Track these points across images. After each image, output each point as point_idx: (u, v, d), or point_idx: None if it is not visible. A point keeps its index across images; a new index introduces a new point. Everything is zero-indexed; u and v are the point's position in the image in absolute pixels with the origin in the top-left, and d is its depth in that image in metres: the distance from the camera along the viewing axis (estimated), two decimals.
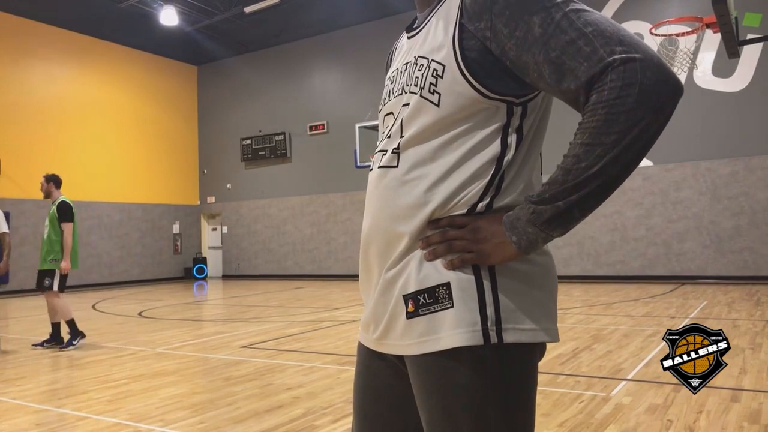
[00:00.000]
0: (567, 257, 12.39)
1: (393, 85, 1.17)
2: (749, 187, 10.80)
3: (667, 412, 3.19)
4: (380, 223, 1.10)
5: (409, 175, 1.06)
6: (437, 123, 1.04)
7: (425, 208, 1.04)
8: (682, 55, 9.16)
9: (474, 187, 1.02)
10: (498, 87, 1.00)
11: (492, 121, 1.02)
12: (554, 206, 0.94)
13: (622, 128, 0.87)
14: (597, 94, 0.89)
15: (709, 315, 6.80)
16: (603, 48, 0.89)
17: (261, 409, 3.52)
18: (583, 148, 0.91)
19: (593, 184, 0.91)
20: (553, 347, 5.10)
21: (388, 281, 1.07)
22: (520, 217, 0.97)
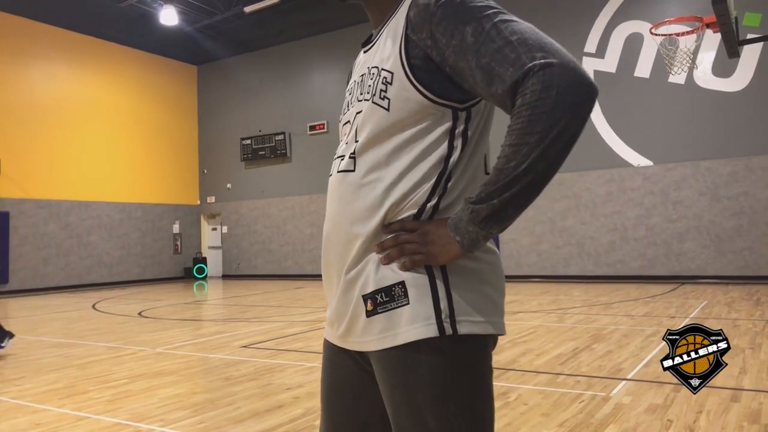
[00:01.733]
0: (567, 257, 12.39)
1: (351, 96, 1.26)
2: (749, 187, 10.80)
3: (667, 411, 3.19)
4: (340, 226, 1.17)
5: (366, 179, 1.13)
6: (389, 127, 1.12)
7: (380, 210, 1.11)
8: (682, 54, 9.16)
9: (423, 188, 1.10)
10: (442, 92, 1.09)
11: (439, 125, 1.11)
12: (490, 204, 1.01)
13: (543, 127, 0.95)
14: (521, 97, 0.97)
15: (709, 315, 6.80)
16: (525, 55, 0.97)
17: (261, 409, 3.52)
18: (511, 148, 0.99)
19: (523, 181, 0.99)
20: (553, 347, 5.10)
21: (349, 282, 1.14)
22: (462, 218, 1.04)
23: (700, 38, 8.98)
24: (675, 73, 9.69)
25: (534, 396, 3.58)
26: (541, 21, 12.83)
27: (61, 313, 9.58)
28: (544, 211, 12.66)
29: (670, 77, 11.15)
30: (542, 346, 5.14)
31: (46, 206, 14.42)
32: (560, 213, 12.50)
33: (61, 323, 8.17)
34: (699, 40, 9.38)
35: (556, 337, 5.59)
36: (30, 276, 13.95)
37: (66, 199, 14.83)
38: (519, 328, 6.22)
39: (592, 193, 12.22)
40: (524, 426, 3.03)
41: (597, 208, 12.15)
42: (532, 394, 3.63)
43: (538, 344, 5.26)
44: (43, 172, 14.43)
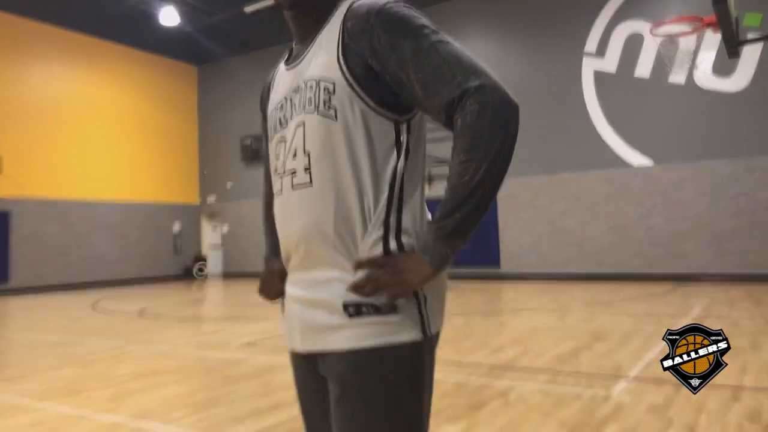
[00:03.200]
0: (567, 257, 12.39)
1: (283, 112, 1.26)
2: (749, 187, 10.80)
3: (668, 411, 3.19)
4: (307, 237, 1.18)
5: (326, 190, 1.15)
6: (339, 138, 1.14)
7: (345, 219, 1.15)
8: (682, 54, 9.16)
9: (382, 198, 1.15)
10: (383, 101, 1.14)
11: (386, 135, 1.16)
12: (453, 219, 1.07)
13: (487, 142, 1.05)
14: (460, 118, 1.06)
15: (709, 314, 6.80)
16: (462, 76, 1.06)
17: (261, 408, 3.52)
18: (462, 165, 1.06)
19: (479, 192, 1.06)
20: (554, 346, 5.10)
21: (321, 282, 1.18)
22: (428, 239, 1.10)
23: (700, 38, 8.98)
24: (675, 73, 9.69)
25: (534, 395, 3.58)
26: (541, 21, 12.85)
27: (61, 312, 9.58)
28: (544, 211, 12.65)
29: (670, 77, 11.15)
30: (542, 346, 5.15)
31: (47, 206, 14.42)
32: (560, 213, 12.50)
33: (61, 322, 8.17)
34: (699, 40, 9.39)
35: (556, 337, 5.59)
36: (30, 275, 13.95)
37: (66, 199, 14.83)
38: (519, 328, 6.22)
39: (592, 193, 12.22)
40: (524, 425, 3.04)
41: (597, 208, 12.15)
42: (532, 393, 3.64)
43: (539, 343, 5.26)
44: (43, 171, 14.43)
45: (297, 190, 1.19)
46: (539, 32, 12.90)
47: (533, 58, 12.97)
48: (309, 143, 1.17)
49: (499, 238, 13.09)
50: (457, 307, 8.20)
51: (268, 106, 1.36)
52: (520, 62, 13.11)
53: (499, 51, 13.44)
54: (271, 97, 1.35)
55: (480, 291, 10.72)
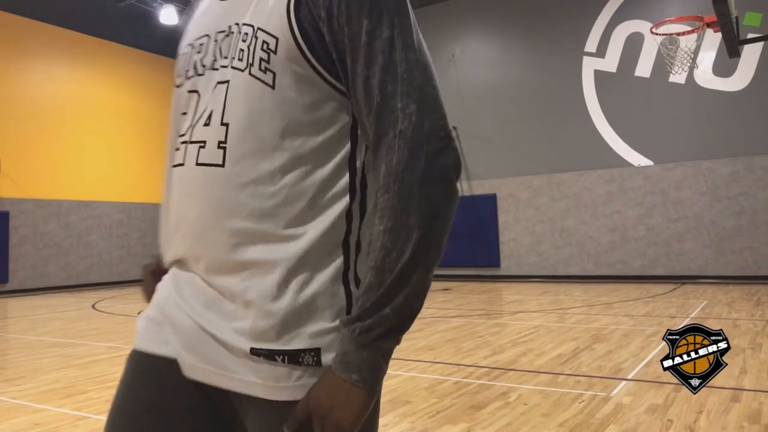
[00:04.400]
0: (567, 257, 12.38)
1: (202, 55, 0.94)
2: (749, 187, 10.79)
3: (668, 411, 3.18)
4: (201, 234, 0.88)
5: (244, 178, 0.85)
6: (274, 111, 0.85)
7: (271, 222, 0.85)
8: (682, 54, 9.16)
9: (334, 198, 0.87)
10: (336, 73, 0.86)
11: (338, 117, 0.87)
12: (381, 316, 0.78)
13: (419, 204, 0.79)
14: (385, 160, 0.80)
15: (709, 315, 6.80)
16: (402, 97, 0.81)
17: None
18: (388, 234, 0.79)
19: (413, 276, 0.79)
20: (554, 347, 5.09)
21: (228, 291, 0.87)
22: (347, 350, 0.80)
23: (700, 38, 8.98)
24: (675, 72, 9.69)
25: (534, 396, 3.58)
26: (541, 21, 12.84)
27: (60, 312, 9.58)
28: (544, 211, 12.65)
29: (670, 77, 11.14)
30: (542, 346, 5.14)
31: (46, 206, 14.42)
32: (560, 213, 12.50)
33: (61, 323, 8.16)
34: (699, 40, 9.38)
35: (556, 337, 5.58)
36: (30, 276, 13.94)
37: (66, 199, 14.83)
38: (519, 328, 6.21)
39: (592, 193, 12.22)
40: (524, 426, 3.03)
41: (597, 208, 12.15)
42: (532, 394, 3.63)
43: (539, 344, 5.25)
44: (42, 171, 14.43)
45: (201, 168, 0.88)
46: (539, 32, 12.90)
47: (533, 58, 12.96)
48: (230, 111, 0.87)
49: (499, 238, 13.09)
50: (457, 308, 8.19)
51: (182, 40, 1.02)
52: (521, 62, 13.11)
53: (499, 51, 13.43)
54: (189, 28, 1.01)
55: (480, 291, 10.71)
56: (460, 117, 13.57)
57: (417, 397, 3.58)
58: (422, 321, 6.95)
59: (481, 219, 13.20)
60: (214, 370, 0.88)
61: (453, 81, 13.74)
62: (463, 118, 13.55)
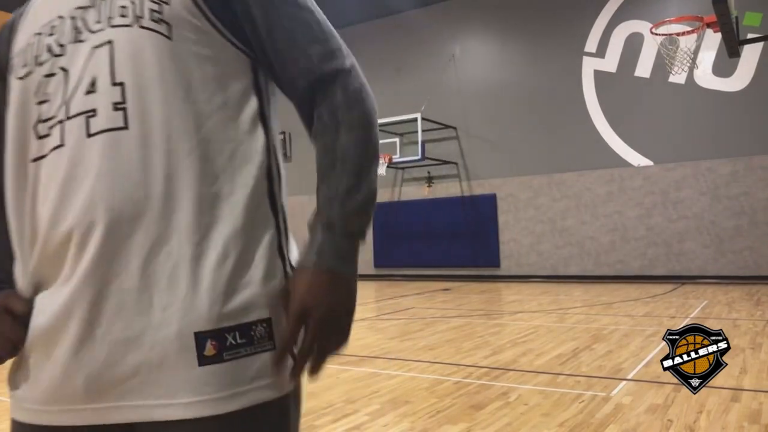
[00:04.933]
0: (567, 257, 12.39)
1: (58, 36, 0.84)
2: (749, 186, 10.80)
3: (668, 411, 3.19)
4: (114, 210, 0.75)
5: (154, 138, 0.77)
6: (176, 64, 0.79)
7: (191, 185, 0.77)
8: (682, 54, 9.16)
9: (249, 149, 0.83)
10: (236, 32, 0.84)
11: (241, 72, 0.85)
12: (358, 212, 0.84)
13: (375, 124, 0.88)
14: (328, 99, 0.85)
15: (709, 315, 6.80)
16: (337, 49, 0.88)
17: None
18: (361, 144, 0.85)
19: (376, 176, 0.87)
20: (554, 347, 5.09)
21: (144, 298, 0.75)
22: (323, 239, 0.81)
23: (700, 38, 8.98)
24: (675, 72, 9.69)
25: (534, 396, 3.58)
26: (541, 21, 12.84)
27: None
28: (544, 211, 12.66)
29: (670, 77, 11.14)
30: (542, 346, 5.14)
31: None
32: (560, 213, 12.50)
33: None
34: (699, 40, 9.39)
35: (556, 337, 5.59)
36: None
37: None
38: (519, 328, 6.21)
39: (592, 193, 12.22)
40: (524, 426, 3.03)
41: (597, 208, 12.15)
42: (532, 394, 3.63)
43: (539, 344, 5.26)
44: None
45: (99, 136, 0.77)
46: (539, 32, 12.90)
47: (533, 58, 12.97)
48: (122, 69, 0.78)
49: (499, 238, 13.09)
50: (457, 308, 8.20)
51: (13, 44, 0.90)
52: (520, 62, 13.11)
53: (499, 51, 13.44)
54: (22, 26, 0.90)
55: (480, 291, 10.72)
56: (460, 117, 13.57)
57: (417, 397, 3.59)
58: (422, 321, 6.95)
59: (481, 219, 13.20)
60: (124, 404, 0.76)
61: (453, 81, 13.74)
62: (463, 118, 13.55)
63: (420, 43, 14.24)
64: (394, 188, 14.48)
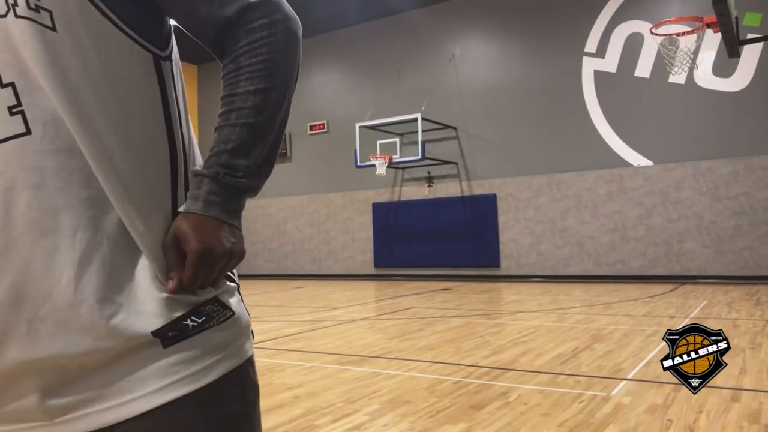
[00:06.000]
0: (567, 257, 12.39)
1: None
2: (749, 186, 10.80)
3: (667, 411, 3.19)
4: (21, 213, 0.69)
5: (57, 144, 0.70)
6: (63, 56, 0.70)
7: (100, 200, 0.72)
8: (682, 54, 9.15)
9: (155, 157, 0.78)
10: (132, 21, 0.76)
11: (141, 72, 0.78)
12: (255, 156, 0.81)
13: (285, 67, 0.82)
14: (247, 31, 0.80)
15: (709, 315, 6.80)
16: None
17: (261, 409, 3.52)
18: (259, 95, 0.80)
19: (279, 133, 0.86)
20: (554, 347, 5.09)
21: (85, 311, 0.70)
22: (209, 189, 0.78)
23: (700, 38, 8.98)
24: (675, 73, 9.69)
25: (534, 396, 3.58)
26: (541, 21, 12.85)
27: None
28: (544, 211, 12.66)
29: (670, 77, 11.15)
30: (542, 346, 5.15)
31: None
32: (560, 213, 12.51)
33: None
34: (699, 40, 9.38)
35: (556, 337, 5.59)
36: None
37: None
38: (519, 328, 6.22)
39: (592, 193, 12.22)
40: (524, 426, 3.04)
41: (597, 208, 12.15)
42: (532, 393, 3.63)
43: (538, 344, 5.26)
44: None
45: (4, 145, 0.69)
46: (539, 32, 12.90)
47: (533, 58, 12.97)
48: (6, 67, 0.69)
49: (499, 238, 13.09)
50: (457, 308, 8.20)
51: None
52: (521, 62, 13.11)
53: (499, 51, 13.44)
54: None
55: (480, 291, 10.72)
56: (460, 117, 13.58)
57: (417, 397, 3.59)
58: (422, 321, 6.96)
59: (481, 219, 13.20)
60: None
61: (453, 81, 13.74)
62: (463, 118, 13.55)
63: (420, 43, 14.24)
64: (394, 188, 14.48)
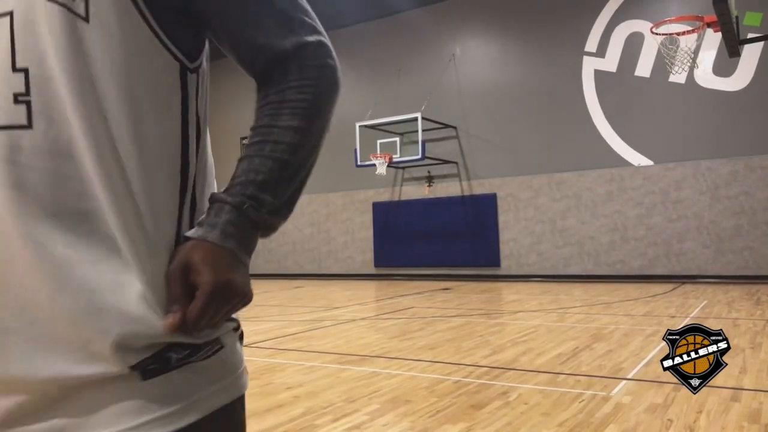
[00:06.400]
0: (567, 257, 12.39)
1: None
2: (749, 186, 10.80)
3: (667, 411, 3.19)
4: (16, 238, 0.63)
5: (57, 145, 0.63)
6: (90, 49, 0.64)
7: (97, 206, 0.66)
8: (682, 54, 9.15)
9: (165, 173, 0.73)
10: (169, 28, 0.71)
11: (168, 75, 0.74)
12: (276, 203, 0.77)
13: (327, 111, 0.80)
14: (299, 68, 0.78)
15: (709, 314, 6.80)
16: (302, 20, 0.79)
17: (261, 409, 3.52)
18: (299, 134, 0.78)
19: (308, 174, 0.82)
20: (554, 347, 5.09)
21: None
22: (228, 219, 0.73)
23: (700, 38, 8.98)
24: (675, 72, 9.69)
25: (534, 395, 3.58)
26: (541, 21, 12.84)
27: None
28: (544, 211, 12.66)
29: (670, 77, 11.15)
30: (542, 346, 5.15)
31: None
32: (560, 213, 12.50)
33: None
34: (700, 40, 9.38)
35: (556, 337, 5.59)
36: None
37: None
38: (519, 328, 6.22)
39: (592, 193, 12.22)
40: (524, 425, 3.03)
41: (597, 208, 12.15)
42: (532, 393, 3.63)
43: (539, 344, 5.26)
44: None
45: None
46: (539, 32, 12.90)
47: (533, 58, 12.97)
48: (25, 51, 0.62)
49: (499, 238, 13.09)
50: (457, 307, 8.20)
51: None
52: (521, 62, 13.11)
53: (499, 51, 13.44)
54: None
55: (480, 291, 10.72)
56: (460, 117, 13.58)
57: (417, 397, 3.59)
58: (422, 320, 6.96)
59: (481, 219, 13.20)
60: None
61: (453, 81, 13.74)
62: (463, 118, 13.55)
63: (420, 43, 14.24)
64: (395, 188, 14.48)
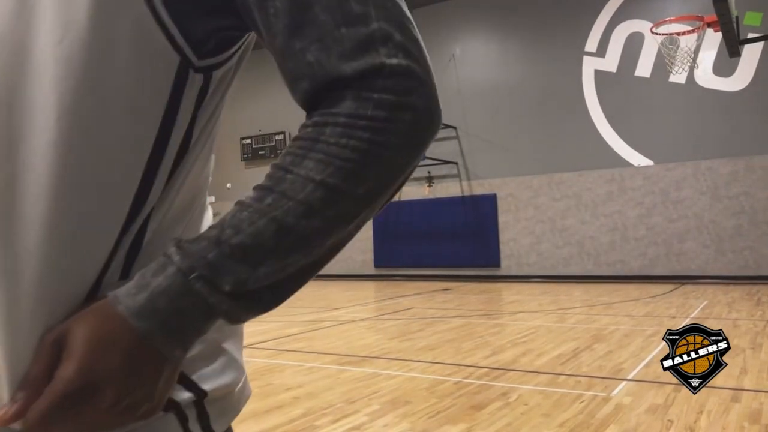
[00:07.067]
0: (567, 257, 12.38)
1: None
2: (749, 186, 10.80)
3: (668, 412, 3.18)
4: None
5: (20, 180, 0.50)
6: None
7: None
8: (682, 54, 9.15)
9: (102, 193, 0.54)
10: (177, 15, 0.53)
11: (157, 65, 0.53)
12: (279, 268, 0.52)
13: (383, 170, 0.51)
14: (357, 102, 0.50)
15: (709, 315, 6.80)
16: (382, 31, 0.50)
17: (260, 410, 3.52)
18: (321, 190, 0.50)
19: (324, 257, 0.57)
20: (554, 347, 5.09)
21: None
22: (166, 285, 0.50)
23: (700, 37, 8.98)
24: (675, 72, 9.69)
25: (534, 396, 3.58)
26: (541, 21, 12.84)
27: None
28: (544, 210, 12.65)
29: (670, 77, 11.14)
30: (543, 347, 5.14)
31: None
32: (560, 213, 12.50)
33: None
34: (700, 40, 9.38)
35: (556, 338, 5.58)
36: None
37: None
38: (519, 329, 6.21)
39: (592, 193, 12.22)
40: (525, 426, 3.03)
41: (597, 208, 12.15)
42: (532, 394, 3.63)
43: (539, 344, 5.25)
44: None
45: None
46: (539, 32, 12.90)
47: (533, 58, 12.97)
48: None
49: (499, 239, 13.09)
50: (457, 308, 8.20)
51: None
52: (521, 62, 13.11)
53: (499, 51, 13.43)
54: None
55: (480, 291, 10.72)
56: (460, 117, 13.57)
57: (417, 398, 3.58)
58: (422, 321, 6.95)
59: (481, 219, 13.20)
60: None
61: (453, 81, 13.74)
62: (463, 118, 13.55)
63: None
64: None
